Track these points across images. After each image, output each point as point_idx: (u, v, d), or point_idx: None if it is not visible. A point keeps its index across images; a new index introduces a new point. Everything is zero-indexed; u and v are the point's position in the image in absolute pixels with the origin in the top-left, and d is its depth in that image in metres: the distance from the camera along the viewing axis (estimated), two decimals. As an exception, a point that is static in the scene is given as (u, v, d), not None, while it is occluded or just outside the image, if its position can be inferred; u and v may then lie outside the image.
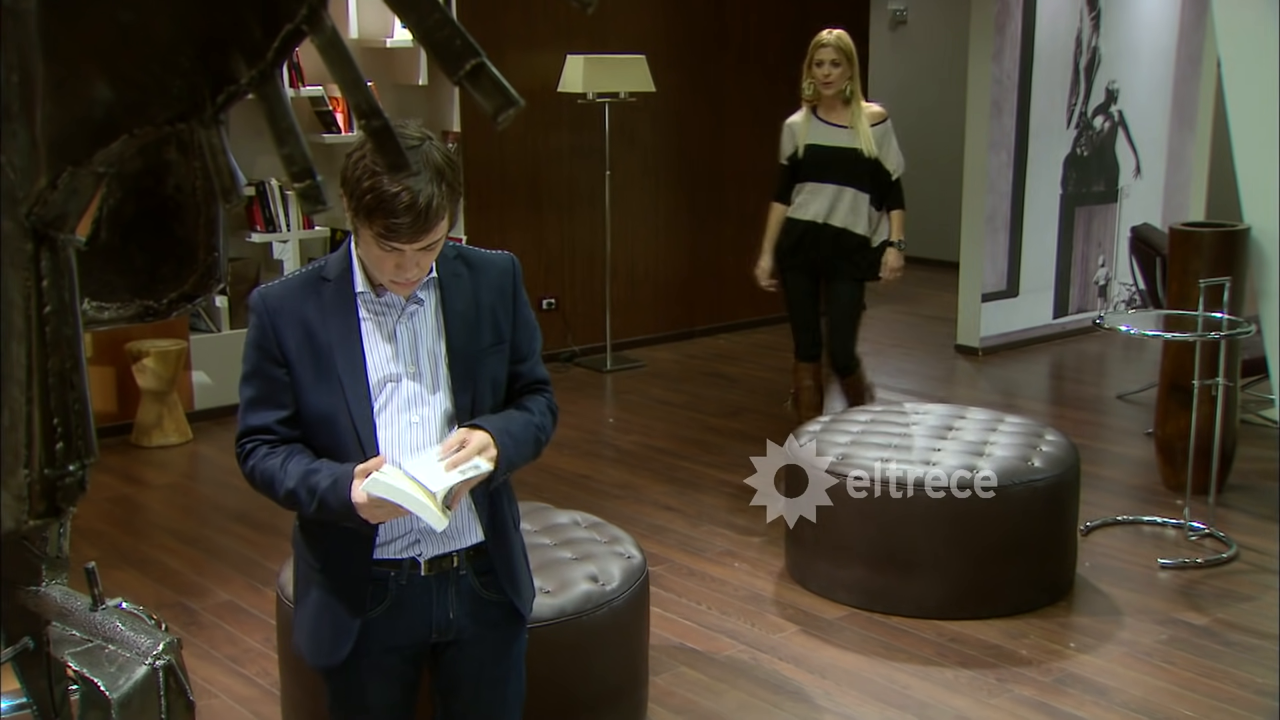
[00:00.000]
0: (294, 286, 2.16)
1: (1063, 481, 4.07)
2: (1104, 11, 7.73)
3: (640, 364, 7.30)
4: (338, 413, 2.12)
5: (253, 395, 2.16)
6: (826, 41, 4.90)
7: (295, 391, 2.14)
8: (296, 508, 2.14)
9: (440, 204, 1.99)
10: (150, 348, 5.67)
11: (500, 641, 2.30)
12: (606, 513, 4.27)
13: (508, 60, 6.76)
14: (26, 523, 1.28)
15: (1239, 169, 5.03)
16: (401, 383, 2.14)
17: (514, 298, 2.23)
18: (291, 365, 2.13)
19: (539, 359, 2.31)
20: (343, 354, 2.11)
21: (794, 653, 3.80)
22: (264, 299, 2.15)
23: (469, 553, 2.23)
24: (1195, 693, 3.55)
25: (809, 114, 5.05)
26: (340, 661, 2.21)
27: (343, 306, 2.13)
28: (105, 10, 1.11)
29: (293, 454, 2.13)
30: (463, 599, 2.24)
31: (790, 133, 5.11)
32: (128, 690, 1.74)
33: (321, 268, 2.18)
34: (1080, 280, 8.05)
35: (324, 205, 1.10)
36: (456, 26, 1.02)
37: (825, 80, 4.90)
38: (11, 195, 1.18)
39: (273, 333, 2.13)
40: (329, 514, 2.09)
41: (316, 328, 2.12)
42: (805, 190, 5.06)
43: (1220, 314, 4.69)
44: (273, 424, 2.15)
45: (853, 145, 4.96)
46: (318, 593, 2.23)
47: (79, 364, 1.28)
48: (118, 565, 4.41)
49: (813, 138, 5.02)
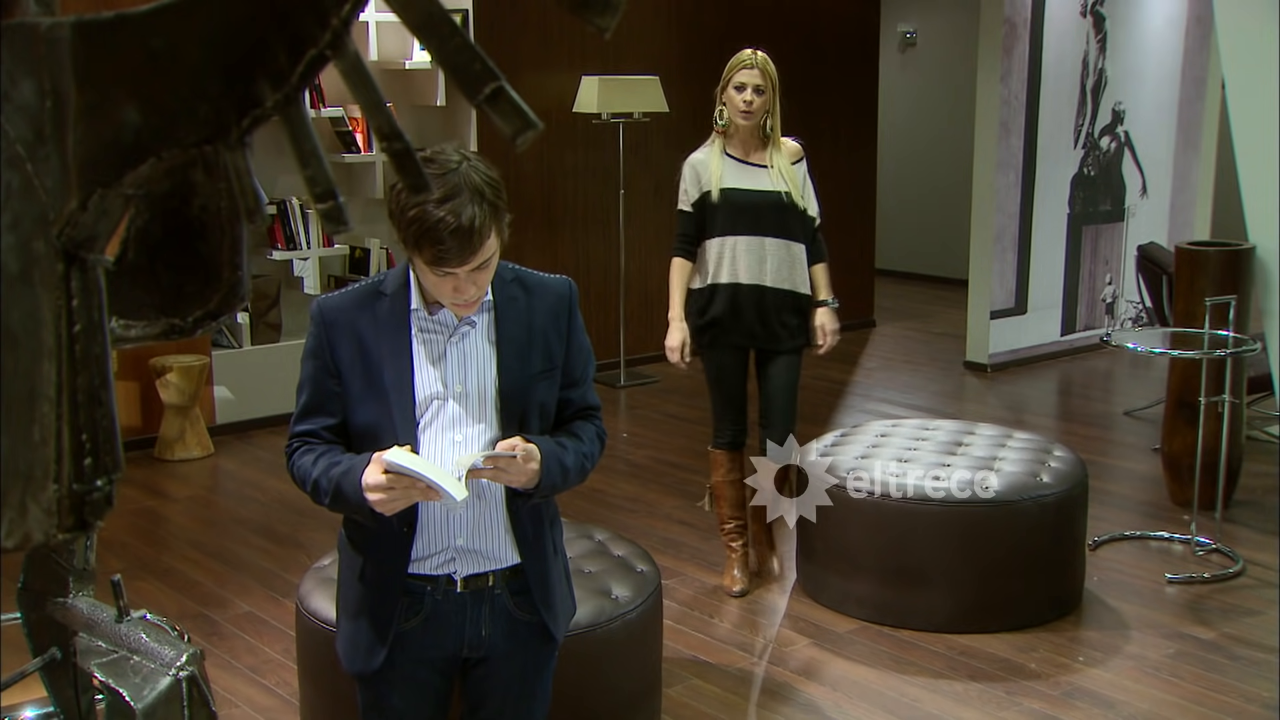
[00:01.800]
0: (351, 299, 2.19)
1: (1071, 497, 4.10)
2: (1110, 33, 7.77)
3: (654, 379, 7.34)
4: (382, 426, 2.14)
5: (306, 402, 2.20)
6: (748, 61, 4.06)
7: (344, 402, 2.18)
8: (318, 500, 2.17)
9: (484, 223, 1.99)
10: (173, 363, 5.74)
11: (530, 661, 2.32)
12: (620, 526, 4.32)
13: (524, 81, 6.84)
14: (55, 536, 1.30)
15: (1243, 189, 5.06)
16: (448, 402, 2.16)
17: (569, 323, 2.24)
18: (343, 376, 2.16)
19: (591, 385, 2.31)
20: (392, 368, 2.14)
21: (805, 665, 3.83)
22: (322, 310, 2.18)
23: (505, 573, 2.24)
24: (1202, 706, 3.57)
25: (719, 151, 4.12)
26: (374, 669, 2.23)
27: (396, 322, 2.15)
28: (137, 37, 1.14)
29: (328, 452, 2.17)
30: (496, 618, 2.25)
31: (695, 173, 4.12)
32: (152, 700, 1.77)
33: (380, 282, 2.21)
34: (1088, 298, 8.07)
35: (346, 226, 1.11)
36: (476, 50, 1.04)
37: (745, 109, 4.03)
38: (43, 217, 1.21)
39: (327, 343, 2.17)
40: (342, 502, 2.12)
41: (369, 341, 2.15)
42: (726, 246, 4.08)
43: (1226, 332, 4.72)
44: (320, 430, 2.19)
45: (775, 188, 4.08)
46: (356, 599, 2.26)
47: (107, 381, 1.30)
48: (141, 576, 4.46)
49: (729, 180, 4.07)
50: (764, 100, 4.06)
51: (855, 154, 8.58)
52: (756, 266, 4.07)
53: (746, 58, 4.07)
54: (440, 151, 2.03)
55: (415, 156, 1.10)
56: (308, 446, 2.19)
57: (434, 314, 2.15)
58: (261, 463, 5.71)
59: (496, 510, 2.21)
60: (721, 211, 4.07)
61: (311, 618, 3.06)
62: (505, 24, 6.90)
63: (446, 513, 2.18)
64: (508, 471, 2.09)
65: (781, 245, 4.08)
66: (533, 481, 2.12)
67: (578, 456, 2.22)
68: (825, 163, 8.42)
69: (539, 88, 6.98)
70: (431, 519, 2.19)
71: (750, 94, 4.04)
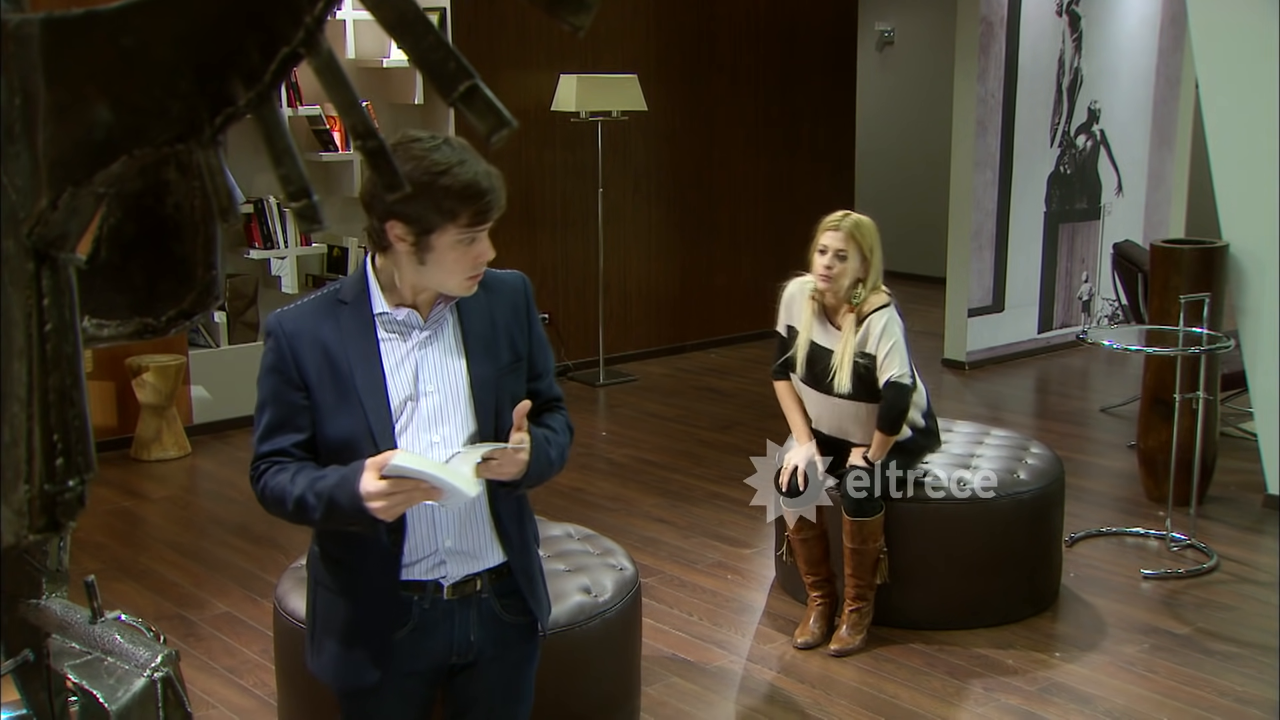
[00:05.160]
0: (310, 309, 2.13)
1: (1047, 493, 4.12)
2: (1085, 33, 7.82)
3: (633, 378, 7.34)
4: (359, 434, 2.09)
5: (270, 420, 2.12)
6: (834, 224, 3.73)
7: (315, 415, 2.11)
8: (305, 517, 2.09)
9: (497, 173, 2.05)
10: (150, 363, 5.71)
11: (516, 662, 2.31)
12: (599, 525, 4.31)
13: (502, 80, 6.83)
14: (27, 537, 1.29)
15: (1217, 187, 5.10)
16: (421, 402, 2.13)
17: (528, 315, 2.24)
18: (311, 389, 2.10)
19: (553, 376, 2.32)
20: (363, 375, 2.09)
21: (784, 663, 3.84)
22: (281, 323, 2.11)
23: (491, 575, 2.22)
24: (1177, 701, 3.59)
25: (814, 302, 3.82)
26: (372, 684, 2.18)
27: (362, 328, 2.11)
28: (107, 35, 1.13)
29: (303, 468, 2.09)
30: (484, 621, 2.23)
31: (787, 307, 3.90)
32: (126, 702, 1.76)
33: (337, 291, 2.16)
34: (1064, 296, 8.12)
35: (320, 225, 1.11)
36: (451, 49, 1.03)
37: (824, 274, 3.70)
38: (13, 215, 1.20)
39: (291, 357, 2.09)
40: (337, 515, 2.04)
41: (336, 351, 2.10)
42: (807, 397, 3.93)
43: (1200, 329, 4.76)
44: (289, 447, 2.11)
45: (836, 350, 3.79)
46: (346, 616, 2.20)
47: (79, 381, 1.29)
48: (117, 577, 4.43)
49: (815, 334, 3.82)
50: (845, 267, 3.69)
51: (833, 152, 8.60)
52: (835, 424, 3.91)
53: (835, 220, 3.74)
54: (411, 133, 2.03)
55: (390, 155, 1.10)
56: (278, 466, 2.10)
57: (400, 316, 2.13)
58: (239, 463, 5.67)
59: (481, 507, 2.20)
60: (803, 363, 3.85)
61: (289, 618, 3.05)
62: (483, 23, 6.88)
63: (434, 515, 2.16)
64: (507, 463, 2.08)
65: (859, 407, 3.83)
66: (522, 471, 2.11)
67: (558, 447, 2.23)
68: (803, 161, 8.45)
69: (517, 86, 6.97)
70: (419, 522, 2.16)
71: (831, 259, 3.69)
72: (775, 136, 8.24)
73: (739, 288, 8.24)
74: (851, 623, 3.91)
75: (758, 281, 8.29)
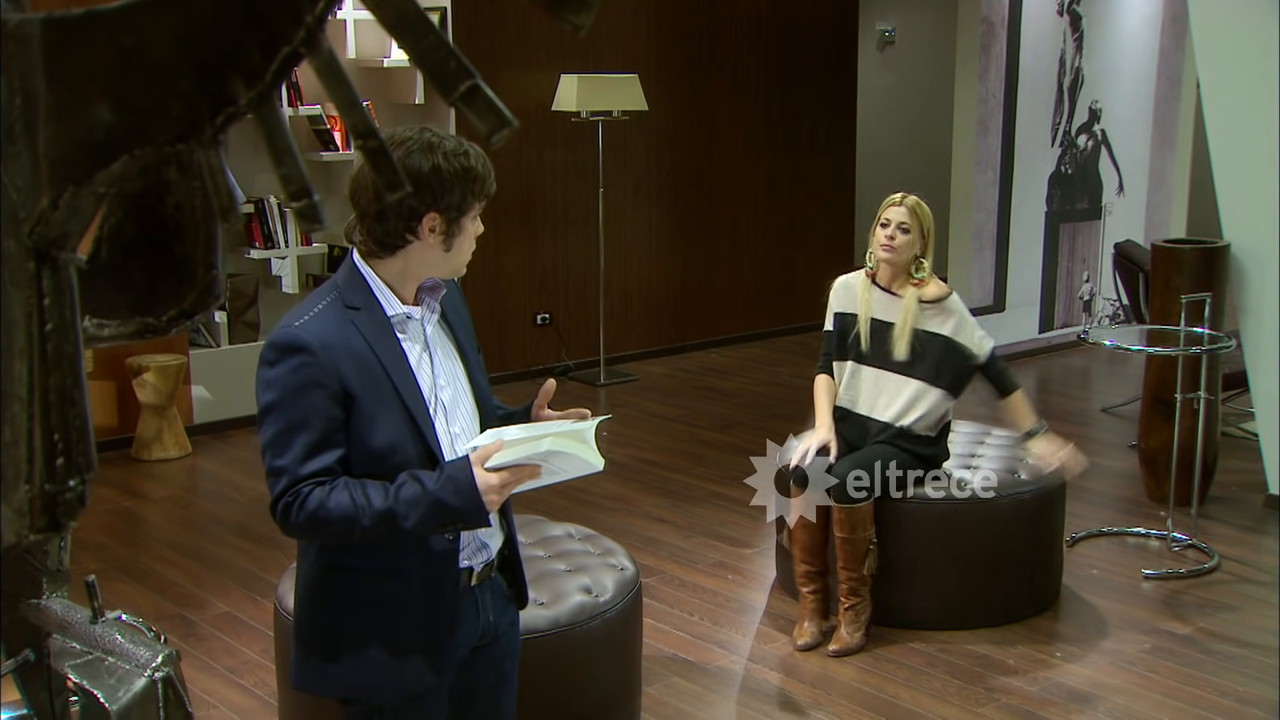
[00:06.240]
0: (328, 320, 2.06)
1: (1048, 493, 4.12)
2: (1087, 33, 7.82)
3: (633, 378, 7.34)
4: (403, 438, 2.06)
5: (311, 439, 2.01)
6: (897, 200, 3.93)
7: (355, 426, 2.04)
8: (397, 527, 1.99)
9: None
10: (150, 363, 5.71)
11: (514, 639, 2.36)
12: (600, 525, 4.31)
13: (503, 79, 6.83)
14: (27, 537, 1.29)
15: (1219, 187, 5.10)
16: (440, 398, 2.15)
17: (464, 306, 2.32)
18: (356, 399, 2.03)
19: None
20: (400, 379, 2.07)
21: (785, 663, 3.84)
22: (310, 338, 2.02)
23: (498, 557, 2.27)
24: (1178, 701, 3.59)
25: (867, 280, 4.02)
26: (433, 686, 2.14)
27: (380, 332, 2.09)
28: (108, 34, 1.13)
29: (348, 484, 2.01)
30: (496, 601, 2.27)
31: (838, 297, 4.10)
32: (127, 702, 1.76)
33: (340, 297, 2.11)
34: (1065, 295, 8.12)
35: (321, 224, 1.11)
36: (451, 49, 1.04)
37: (887, 243, 3.89)
38: (14, 215, 1.20)
39: (334, 369, 2.02)
40: (442, 517, 1.99)
41: (369, 358, 2.05)
42: (864, 378, 4.01)
43: (1201, 329, 4.75)
44: (333, 464, 2.03)
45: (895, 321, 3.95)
46: (400, 623, 2.13)
47: (79, 381, 1.29)
48: (117, 577, 4.43)
49: (876, 310, 3.99)
50: (907, 240, 3.88)
51: (834, 152, 8.59)
52: (873, 397, 3.98)
53: (896, 197, 3.94)
54: (399, 133, 2.05)
55: (390, 155, 1.10)
56: (324, 485, 2.01)
57: (408, 316, 2.14)
58: (240, 463, 5.67)
59: None
60: (859, 338, 3.98)
61: (290, 618, 3.04)
62: (484, 22, 6.88)
63: None
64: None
65: (893, 377, 3.95)
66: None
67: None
68: (803, 161, 8.45)
69: (518, 86, 6.97)
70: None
71: (894, 230, 3.88)
72: (776, 136, 8.24)
73: (739, 288, 8.23)
74: (848, 620, 3.91)
75: (758, 281, 8.30)
